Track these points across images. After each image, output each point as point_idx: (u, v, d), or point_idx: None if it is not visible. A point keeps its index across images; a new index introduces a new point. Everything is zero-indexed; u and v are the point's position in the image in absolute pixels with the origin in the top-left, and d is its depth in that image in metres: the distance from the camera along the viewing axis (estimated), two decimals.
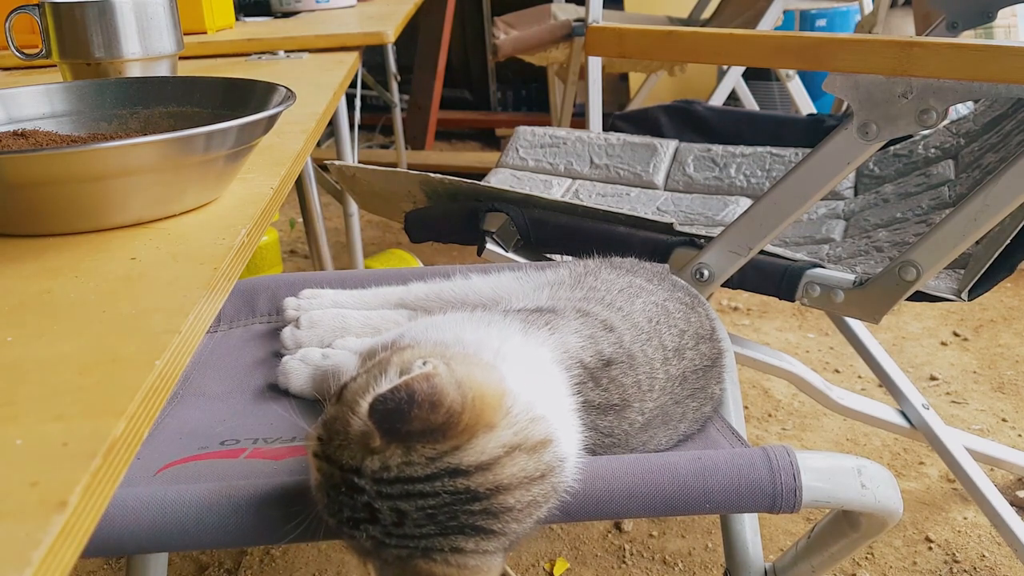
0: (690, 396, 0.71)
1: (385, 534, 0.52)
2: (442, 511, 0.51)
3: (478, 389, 0.51)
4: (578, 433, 0.60)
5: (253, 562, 1.41)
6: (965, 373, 1.90)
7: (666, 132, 1.69)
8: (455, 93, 4.22)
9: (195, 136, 0.60)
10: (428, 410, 0.49)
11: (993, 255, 1.02)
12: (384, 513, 0.51)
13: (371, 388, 0.52)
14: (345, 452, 0.52)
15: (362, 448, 0.51)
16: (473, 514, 0.51)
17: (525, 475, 0.52)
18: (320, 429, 0.54)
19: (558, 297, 0.74)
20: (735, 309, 2.24)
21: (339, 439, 0.52)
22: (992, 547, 1.38)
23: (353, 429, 0.52)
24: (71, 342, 0.45)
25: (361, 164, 1.32)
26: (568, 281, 0.78)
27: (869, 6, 2.70)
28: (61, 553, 0.31)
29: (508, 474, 0.52)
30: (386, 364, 0.54)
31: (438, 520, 0.51)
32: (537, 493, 0.53)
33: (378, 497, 0.51)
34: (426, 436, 0.50)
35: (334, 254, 2.59)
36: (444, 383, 0.50)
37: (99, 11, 0.94)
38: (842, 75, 0.91)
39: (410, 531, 0.51)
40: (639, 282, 0.76)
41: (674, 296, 0.76)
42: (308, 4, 2.00)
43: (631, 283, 0.76)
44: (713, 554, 1.40)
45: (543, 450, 0.54)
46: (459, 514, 0.51)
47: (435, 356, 0.53)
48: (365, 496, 0.51)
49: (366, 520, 0.52)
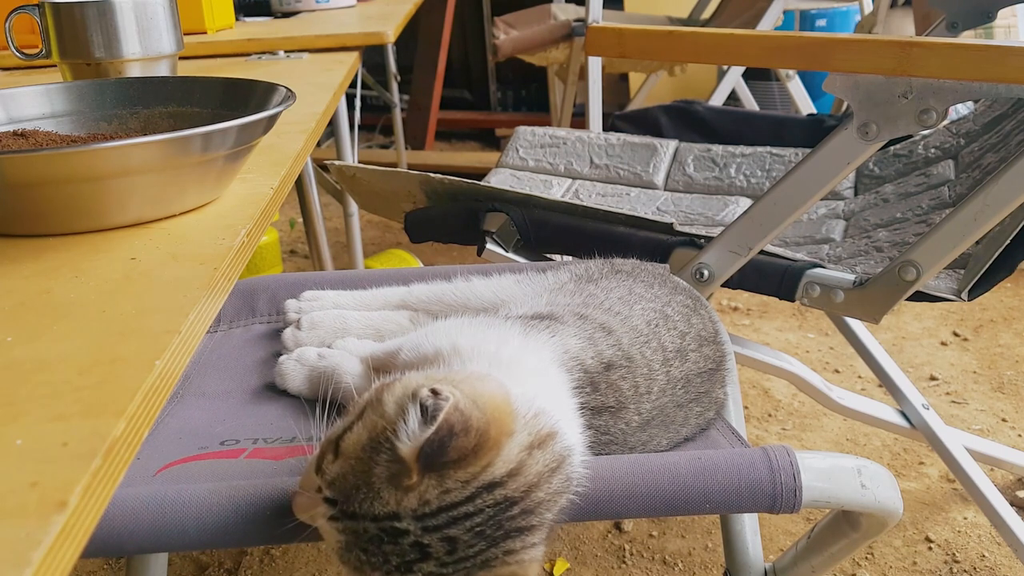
0: (694, 400, 0.71)
1: (440, 565, 0.51)
2: (488, 525, 0.51)
3: (491, 401, 0.52)
4: (579, 426, 0.61)
5: (253, 562, 1.41)
6: (965, 373, 1.90)
7: (666, 132, 1.69)
8: (455, 93, 4.22)
9: (195, 136, 0.60)
10: (463, 437, 0.50)
11: (993, 255, 1.02)
12: (435, 546, 0.51)
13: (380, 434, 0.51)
14: (375, 503, 0.51)
15: (394, 491, 0.51)
16: (514, 518, 0.52)
17: (546, 468, 0.54)
18: (329, 491, 0.52)
19: (557, 303, 0.74)
20: (735, 309, 2.24)
21: (362, 492, 0.51)
22: (992, 547, 1.38)
23: (377, 477, 0.51)
24: (71, 342, 0.45)
25: (361, 164, 1.32)
26: (568, 287, 0.78)
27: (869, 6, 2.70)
28: (61, 553, 0.31)
29: (534, 472, 0.53)
30: (381, 405, 0.53)
31: (487, 535, 0.51)
32: (558, 483, 0.55)
33: (425, 533, 0.51)
34: (461, 462, 0.50)
35: (334, 254, 2.59)
36: (467, 406, 0.50)
37: (99, 11, 0.94)
38: (842, 75, 0.91)
39: (463, 554, 0.51)
40: (639, 289, 0.76)
41: (675, 299, 0.76)
42: (308, 4, 2.00)
43: (631, 290, 0.76)
44: (713, 554, 1.40)
45: (552, 442, 0.55)
46: (503, 522, 0.52)
47: (434, 383, 0.52)
48: (411, 536, 0.51)
49: (418, 560, 0.51)
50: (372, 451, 0.51)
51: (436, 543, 0.51)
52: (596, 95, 2.00)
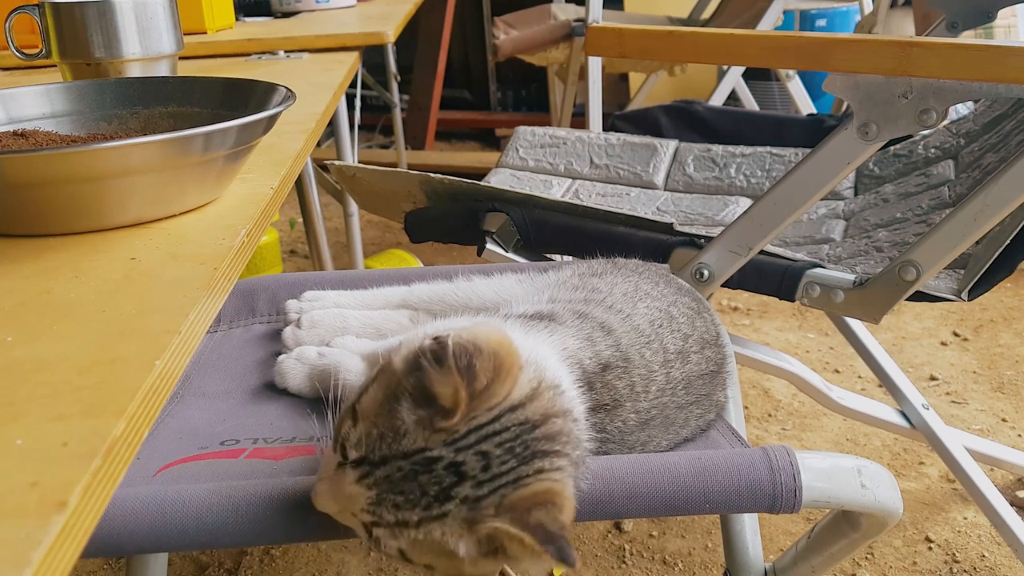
0: (695, 403, 0.71)
1: (476, 485, 0.52)
2: (516, 443, 0.53)
3: (492, 336, 0.54)
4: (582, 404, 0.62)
5: (253, 562, 1.41)
6: (965, 373, 1.90)
7: (666, 132, 1.69)
8: (455, 93, 4.22)
9: (195, 136, 0.60)
10: (481, 358, 0.52)
11: (993, 255, 1.02)
12: (470, 463, 0.52)
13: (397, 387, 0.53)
14: (403, 442, 0.53)
15: (423, 432, 0.53)
16: (538, 440, 0.54)
17: (557, 407, 0.56)
18: (356, 452, 0.54)
19: (558, 299, 0.74)
20: (735, 309, 2.24)
21: (389, 438, 0.53)
22: (992, 547, 1.38)
23: (403, 423, 0.53)
24: (71, 342, 0.45)
25: (361, 164, 1.32)
26: (572, 281, 0.78)
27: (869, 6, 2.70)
28: (61, 553, 0.31)
29: (546, 403, 0.56)
30: (391, 367, 0.56)
31: (516, 452, 0.53)
32: (569, 431, 0.57)
33: (458, 452, 0.52)
34: (488, 390, 0.53)
35: (334, 254, 2.59)
36: (469, 337, 0.53)
37: (99, 11, 0.94)
38: (842, 75, 0.91)
39: (497, 471, 0.53)
40: (645, 286, 0.76)
41: (680, 300, 0.76)
42: (308, 4, 2.00)
43: (637, 286, 0.76)
44: (713, 554, 1.40)
45: (558, 391, 0.58)
46: (528, 442, 0.54)
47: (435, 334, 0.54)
48: (444, 460, 0.52)
49: (454, 484, 0.52)
50: (393, 403, 0.53)
51: (470, 459, 0.52)
52: (596, 95, 2.00)
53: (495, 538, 0.52)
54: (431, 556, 0.54)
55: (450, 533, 0.52)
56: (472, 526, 0.52)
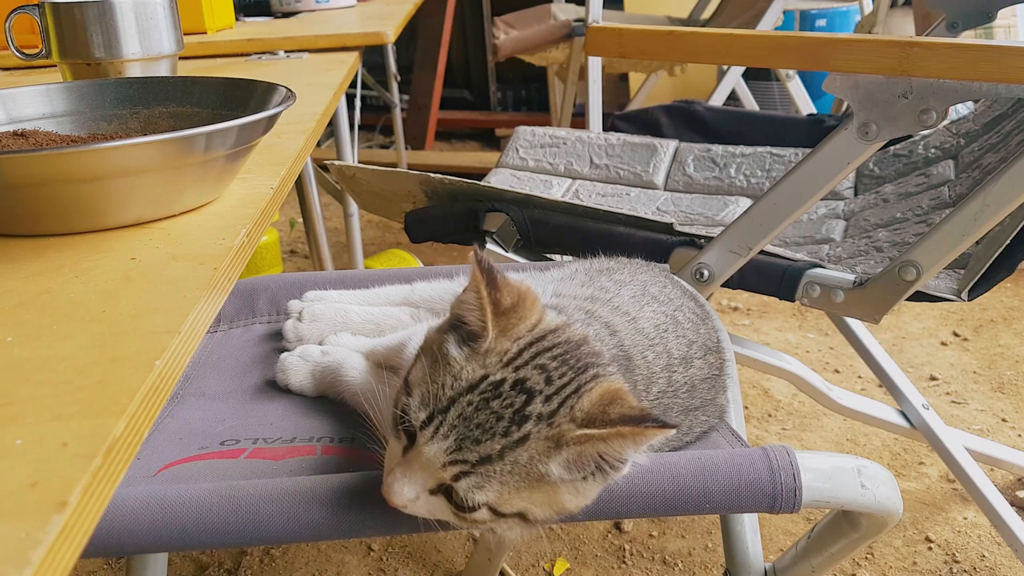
0: (699, 408, 0.71)
1: (546, 400, 0.54)
2: (566, 356, 0.56)
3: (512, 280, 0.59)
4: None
5: (253, 562, 1.41)
6: (965, 373, 1.90)
7: (666, 132, 1.69)
8: (455, 93, 4.22)
9: (195, 136, 0.60)
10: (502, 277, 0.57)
11: (993, 255, 1.02)
12: (532, 378, 0.54)
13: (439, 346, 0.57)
14: (462, 379, 0.55)
15: (474, 362, 0.55)
16: (585, 354, 0.57)
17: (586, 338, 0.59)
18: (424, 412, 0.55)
19: (563, 294, 0.73)
20: (735, 309, 2.24)
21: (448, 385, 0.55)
22: (992, 547, 1.38)
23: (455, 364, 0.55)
24: (71, 342, 0.45)
25: (361, 164, 1.32)
26: (579, 277, 0.77)
27: (869, 6, 2.70)
28: (61, 553, 0.31)
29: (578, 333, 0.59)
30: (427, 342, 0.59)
31: (570, 364, 0.56)
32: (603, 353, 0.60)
33: (517, 370, 0.55)
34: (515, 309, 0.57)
35: (334, 254, 2.59)
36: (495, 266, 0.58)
37: (99, 11, 0.94)
38: (842, 75, 0.91)
39: (560, 382, 0.54)
40: (653, 290, 0.76)
41: (685, 305, 0.76)
42: (308, 4, 2.00)
43: (645, 289, 0.75)
44: (713, 554, 1.40)
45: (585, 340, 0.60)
46: (578, 355, 0.56)
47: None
48: (509, 381, 0.54)
49: (525, 402, 0.53)
50: (441, 357, 0.56)
51: (532, 374, 0.54)
52: (596, 95, 2.00)
53: (585, 452, 0.53)
54: (525, 494, 0.54)
55: (537, 456, 0.53)
56: (558, 442, 0.53)
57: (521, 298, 0.58)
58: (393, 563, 1.40)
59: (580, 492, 0.55)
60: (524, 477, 0.53)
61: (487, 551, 1.29)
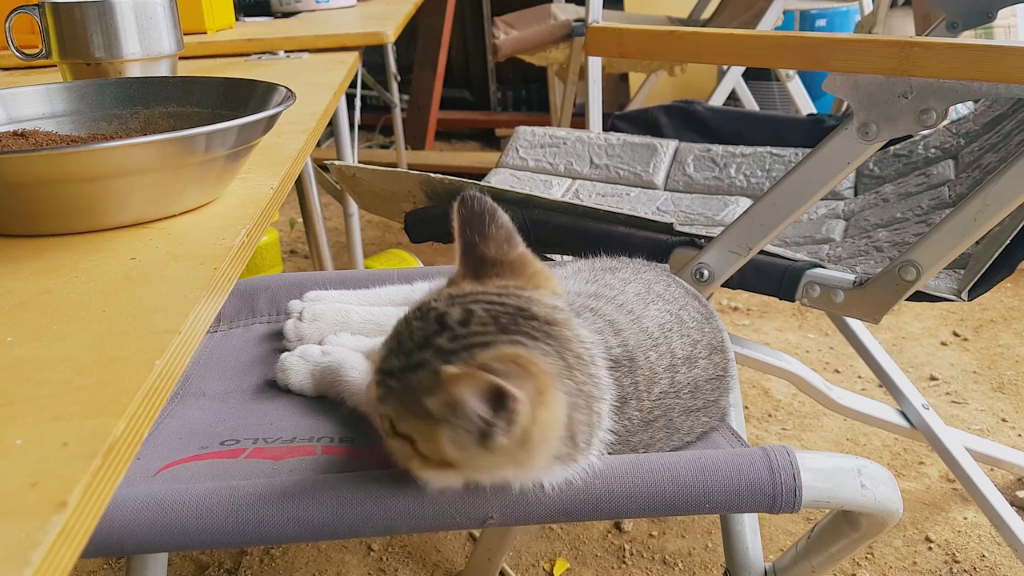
0: (701, 409, 0.70)
1: (452, 338, 0.54)
2: (504, 317, 0.55)
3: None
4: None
5: (253, 562, 1.41)
6: (965, 373, 1.90)
7: (666, 132, 1.69)
8: (455, 93, 4.22)
9: (195, 136, 0.60)
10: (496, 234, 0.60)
11: (993, 255, 1.02)
12: (452, 315, 0.55)
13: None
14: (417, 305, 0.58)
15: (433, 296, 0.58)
16: (535, 329, 0.55)
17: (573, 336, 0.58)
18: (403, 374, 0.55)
19: (567, 290, 0.73)
20: (735, 309, 2.24)
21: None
22: (992, 547, 1.38)
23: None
24: (71, 342, 0.45)
25: (361, 164, 1.32)
26: (583, 274, 0.77)
27: (869, 6, 2.70)
28: (61, 553, 0.31)
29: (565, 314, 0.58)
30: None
31: (500, 323, 0.55)
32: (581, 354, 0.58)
33: (449, 305, 0.56)
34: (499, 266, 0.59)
35: (334, 254, 2.59)
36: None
37: (99, 11, 0.94)
38: (842, 75, 0.91)
39: (475, 329, 0.54)
40: (657, 288, 0.75)
41: (690, 304, 0.75)
42: (308, 4, 2.00)
43: (649, 287, 0.75)
44: (713, 554, 1.40)
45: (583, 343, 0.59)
46: (520, 323, 0.55)
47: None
48: (437, 310, 0.56)
49: (435, 332, 0.54)
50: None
51: (455, 311, 0.55)
52: (596, 95, 2.00)
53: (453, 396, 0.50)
54: (412, 421, 0.54)
55: (421, 385, 0.53)
56: (438, 378, 0.51)
57: (519, 261, 0.59)
58: (393, 563, 1.40)
59: (458, 444, 0.52)
60: (414, 403, 0.53)
61: (487, 551, 1.29)
